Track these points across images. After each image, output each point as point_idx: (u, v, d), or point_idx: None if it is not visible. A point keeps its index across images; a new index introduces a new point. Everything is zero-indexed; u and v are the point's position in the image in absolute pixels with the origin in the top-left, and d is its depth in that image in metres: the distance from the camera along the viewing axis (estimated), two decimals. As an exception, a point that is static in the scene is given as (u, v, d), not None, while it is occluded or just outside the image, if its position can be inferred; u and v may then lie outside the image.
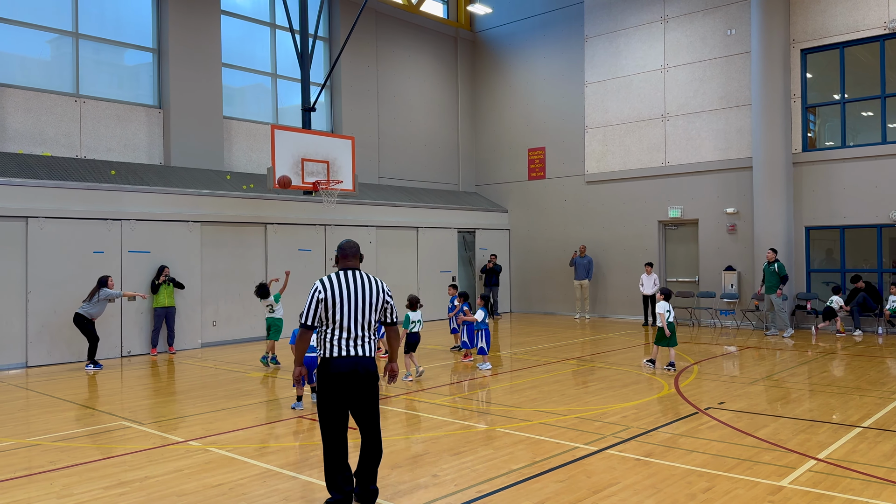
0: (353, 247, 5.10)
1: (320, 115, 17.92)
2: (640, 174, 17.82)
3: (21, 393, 9.56)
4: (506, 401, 8.51)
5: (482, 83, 21.46)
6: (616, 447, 6.32)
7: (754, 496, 5.04)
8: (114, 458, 6.27)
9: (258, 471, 5.82)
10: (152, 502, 5.10)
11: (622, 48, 18.22)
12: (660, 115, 17.51)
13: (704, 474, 5.54)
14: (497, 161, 21.08)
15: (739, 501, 4.95)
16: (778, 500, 4.96)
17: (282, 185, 10.77)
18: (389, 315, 5.06)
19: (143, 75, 15.05)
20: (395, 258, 17.56)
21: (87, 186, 12.42)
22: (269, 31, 17.23)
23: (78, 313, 11.37)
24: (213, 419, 7.76)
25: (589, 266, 18.29)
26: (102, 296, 11.38)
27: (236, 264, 14.47)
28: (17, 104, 12.94)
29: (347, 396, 4.82)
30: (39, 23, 13.44)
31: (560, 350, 12.80)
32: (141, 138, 14.56)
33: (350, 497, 4.84)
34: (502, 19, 20.87)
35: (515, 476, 5.55)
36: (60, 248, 12.02)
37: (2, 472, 5.88)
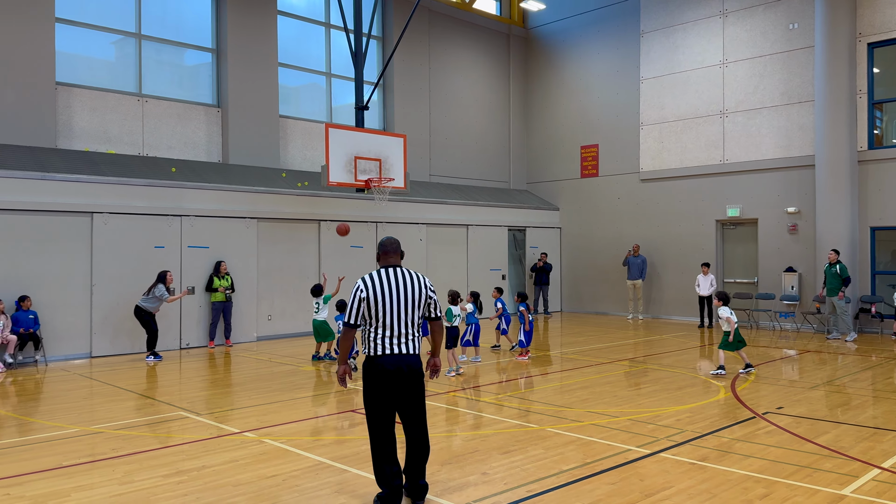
0: (394, 243, 5.12)
1: (373, 114, 18.08)
2: (698, 172, 17.43)
3: (85, 382, 9.93)
4: (556, 401, 8.44)
5: (534, 80, 21.32)
6: (670, 450, 6.20)
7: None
8: (172, 447, 6.46)
9: (310, 463, 5.91)
10: (208, 491, 5.23)
11: (679, 43, 17.84)
12: (718, 112, 17.09)
13: (762, 480, 5.39)
14: (549, 158, 20.91)
15: (799, 510, 4.80)
16: (840, 509, 4.80)
17: (341, 233, 11.09)
18: (433, 310, 5.07)
19: (203, 75, 15.44)
20: (445, 256, 17.60)
21: (148, 183, 12.81)
22: (324, 30, 17.46)
23: (137, 306, 11.79)
24: (268, 411, 7.92)
25: (643, 266, 17.98)
26: (157, 293, 11.77)
27: (291, 260, 14.73)
28: (83, 103, 13.43)
29: (393, 394, 4.84)
30: (104, 24, 13.92)
31: (612, 351, 12.63)
32: (200, 136, 14.95)
33: (400, 492, 4.87)
34: (556, 15, 20.68)
35: (566, 477, 5.50)
36: (123, 242, 12.43)
37: (67, 457, 6.12)
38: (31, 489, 5.28)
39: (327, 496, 5.13)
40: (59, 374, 10.51)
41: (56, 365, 11.35)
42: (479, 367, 10.85)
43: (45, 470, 5.75)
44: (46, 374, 10.61)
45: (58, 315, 11.76)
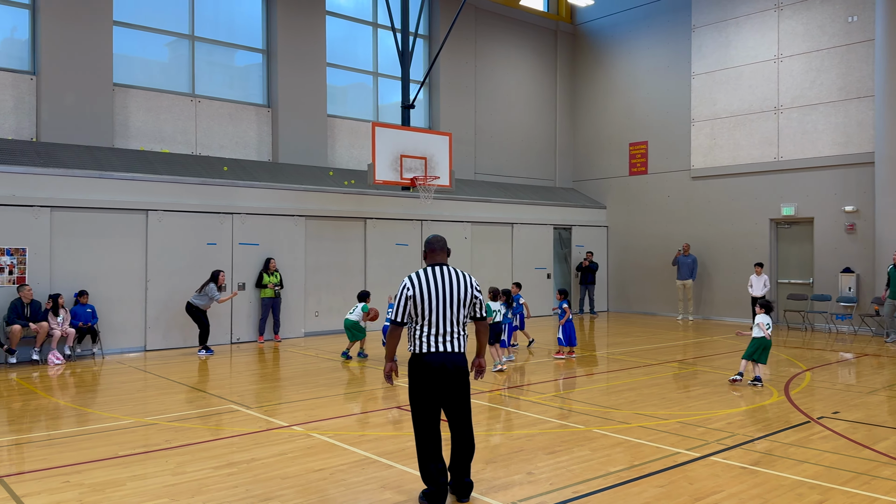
0: (441, 242, 5.13)
1: (419, 112, 18.15)
2: (751, 169, 17.01)
3: (140, 375, 10.22)
4: (602, 402, 8.35)
5: (582, 76, 21.10)
6: (720, 454, 6.07)
7: (873, 513, 4.72)
8: (223, 439, 6.60)
9: (357, 458, 5.97)
10: (258, 483, 5.33)
11: (732, 38, 17.43)
12: (772, 108, 16.65)
13: (816, 487, 5.23)
14: (596, 156, 20.67)
15: (856, 518, 4.64)
16: (900, 519, 4.63)
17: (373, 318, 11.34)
18: (478, 310, 5.06)
19: (253, 75, 15.72)
20: (490, 254, 17.56)
21: (201, 181, 13.11)
22: (372, 30, 17.59)
23: (189, 302, 12.08)
24: (315, 406, 8.03)
25: (693, 265, 17.63)
26: (209, 292, 12.06)
27: (337, 258, 14.90)
28: (138, 104, 13.82)
29: (438, 392, 4.86)
30: (159, 27, 14.29)
31: (660, 352, 12.42)
32: (251, 136, 15.24)
33: (445, 489, 4.87)
34: (604, 11, 20.42)
35: (613, 479, 5.43)
36: (177, 239, 12.75)
37: (123, 447, 6.31)
38: (89, 477, 5.46)
39: (373, 491, 5.18)
40: (115, 367, 10.85)
41: (112, 358, 11.72)
42: (524, 366, 10.80)
43: (102, 459, 5.94)
44: (103, 366, 10.96)
45: (114, 309, 12.13)
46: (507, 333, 11.20)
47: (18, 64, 12.73)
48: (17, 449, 6.35)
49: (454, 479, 4.98)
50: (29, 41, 12.83)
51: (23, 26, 12.83)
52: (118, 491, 5.16)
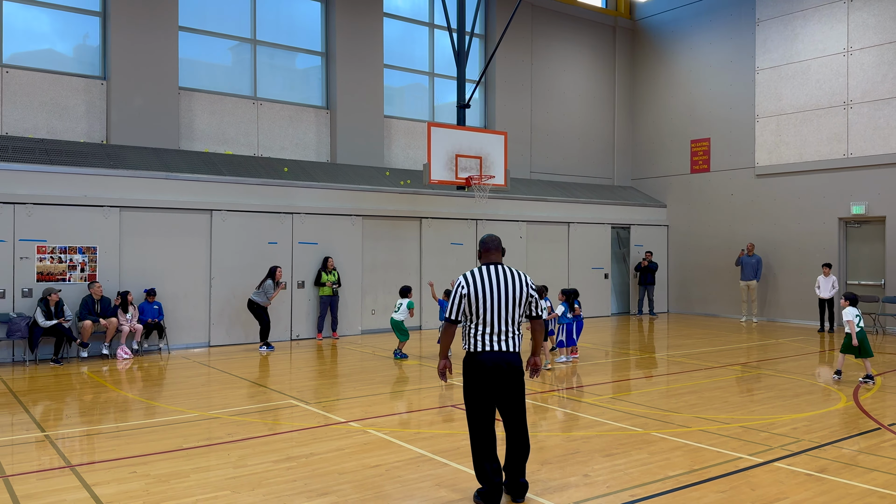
0: (496, 241, 5.11)
1: (474, 111, 18.16)
2: (819, 167, 16.41)
3: (204, 370, 10.53)
4: (662, 405, 8.19)
5: (641, 73, 20.73)
6: (784, 460, 5.88)
7: (950, 526, 4.50)
8: (282, 434, 6.74)
9: (412, 455, 6.01)
10: (316, 478, 5.43)
11: (799, 31, 16.85)
12: (841, 103, 16.02)
13: (887, 496, 5.01)
14: (656, 154, 20.28)
15: (931, 531, 4.43)
16: (980, 533, 4.39)
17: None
18: (534, 308, 5.03)
19: (313, 78, 16.00)
20: (546, 254, 17.43)
21: (263, 182, 13.43)
22: (428, 30, 17.68)
23: (250, 299, 12.41)
24: (372, 402, 8.12)
25: (757, 266, 17.11)
26: (265, 288, 12.35)
27: (393, 256, 15.03)
28: (203, 107, 14.24)
29: (492, 391, 4.85)
30: (222, 31, 14.69)
31: (723, 354, 12.11)
32: (310, 137, 15.52)
33: (499, 488, 4.86)
34: (665, 5, 20.02)
35: (672, 483, 5.32)
36: (239, 238, 13.09)
37: (187, 440, 6.51)
38: (154, 468, 5.66)
39: (428, 489, 5.21)
40: (180, 362, 11.21)
41: (177, 353, 12.10)
42: (579, 367, 10.68)
43: (167, 451, 6.14)
44: (169, 361, 11.34)
45: (179, 306, 12.53)
46: (566, 334, 11.11)
47: (90, 70, 13.28)
48: (87, 440, 6.63)
49: (509, 479, 4.97)
50: (100, 47, 13.37)
51: (94, 33, 13.37)
52: (182, 482, 5.33)
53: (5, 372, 10.23)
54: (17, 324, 10.84)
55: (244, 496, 5.03)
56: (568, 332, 11.14)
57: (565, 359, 11.07)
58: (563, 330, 11.09)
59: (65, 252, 11.49)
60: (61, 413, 7.72)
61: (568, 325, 11.13)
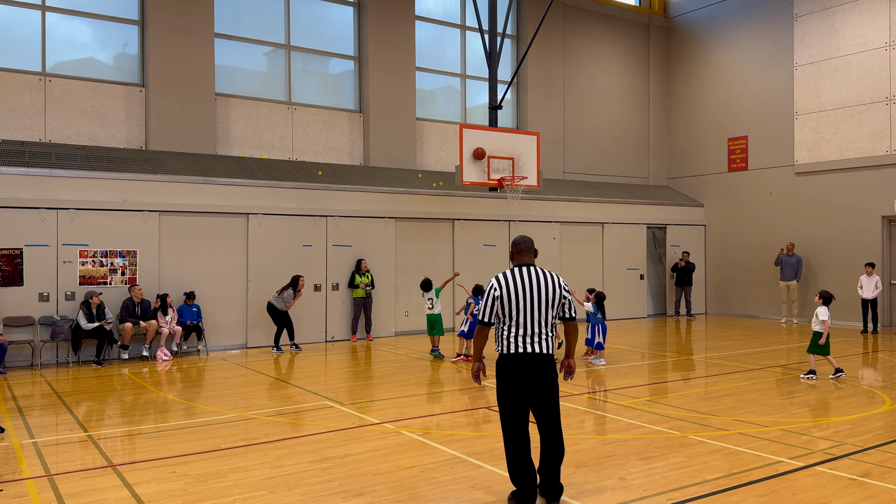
0: (528, 242, 5.09)
1: (506, 112, 18.11)
2: (860, 164, 16.00)
3: (241, 371, 10.68)
4: (700, 407, 8.06)
5: (676, 71, 20.46)
6: (826, 464, 5.75)
7: None
8: (318, 434, 6.80)
9: (446, 457, 6.01)
10: (351, 479, 5.46)
11: (838, 26, 16.47)
12: (884, 98, 15.61)
13: (937, 503, 4.87)
14: (692, 152, 19.99)
15: (983, 538, 4.29)
16: None
17: (477, 157, 11.42)
18: (568, 310, 5.00)
19: (346, 82, 16.14)
20: (580, 254, 17.29)
21: (297, 186, 13.58)
22: (459, 32, 17.69)
23: (269, 302, 12.58)
24: (406, 404, 8.15)
25: (797, 265, 16.74)
26: (286, 297, 12.52)
27: (426, 258, 15.07)
28: (239, 112, 14.45)
29: (526, 392, 4.83)
30: (257, 37, 14.90)
31: (762, 356, 11.87)
32: (344, 141, 15.64)
33: (534, 491, 4.84)
34: (700, 2, 19.73)
35: (710, 487, 5.24)
36: (275, 241, 13.26)
37: (224, 441, 6.61)
38: (193, 468, 5.75)
39: (462, 490, 5.20)
40: (218, 363, 11.38)
41: (215, 354, 12.30)
42: (615, 369, 10.57)
43: (206, 451, 6.24)
44: (207, 362, 11.52)
45: (217, 308, 12.73)
46: (602, 335, 11.00)
47: (129, 77, 13.58)
48: (129, 440, 6.77)
49: (544, 482, 4.94)
50: (138, 55, 13.66)
51: (133, 42, 13.67)
52: (220, 482, 5.41)
53: (49, 373, 10.50)
54: (61, 326, 11.13)
55: (281, 496, 5.08)
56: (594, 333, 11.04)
57: (600, 361, 10.96)
58: (599, 331, 10.99)
59: (106, 256, 11.76)
60: (103, 413, 7.90)
61: (595, 327, 11.03)
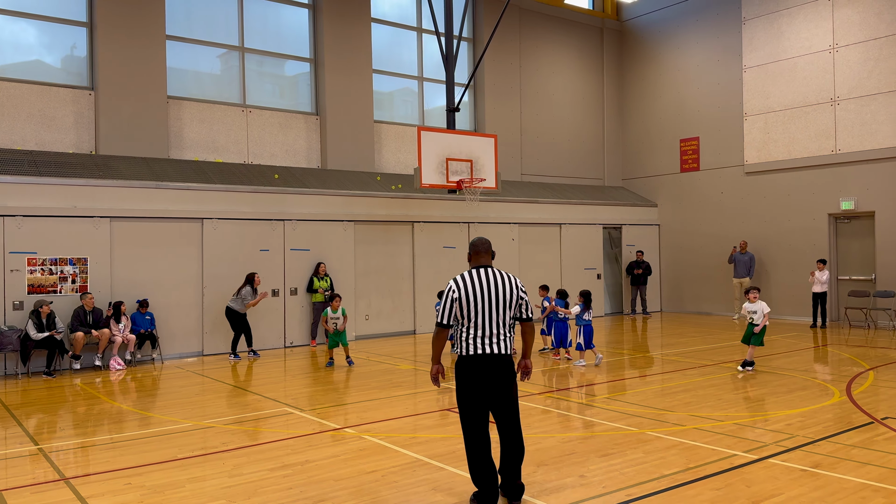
0: (485, 244, 5.13)
1: (464, 115, 18.19)
2: (807, 163, 16.51)
3: (198, 379, 10.49)
4: (657, 404, 8.21)
5: (629, 73, 20.81)
6: (779, 456, 5.91)
7: (944, 518, 4.53)
8: (278, 441, 6.72)
9: (408, 460, 6.01)
10: (312, 485, 5.42)
11: (784, 29, 16.96)
12: (829, 100, 16.13)
13: (881, 490, 5.04)
14: (646, 154, 20.35)
15: (925, 523, 4.46)
16: (973, 524, 4.42)
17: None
18: (524, 311, 5.04)
19: (302, 84, 16.00)
20: (538, 255, 17.45)
21: (253, 189, 13.41)
22: (416, 35, 17.70)
23: (227, 306, 12.38)
24: (367, 408, 8.11)
25: (750, 263, 17.18)
26: (244, 294, 12.31)
27: (386, 261, 15.03)
28: (192, 115, 14.21)
29: (484, 394, 4.86)
30: (210, 39, 14.67)
31: (716, 352, 12.15)
32: (300, 144, 15.50)
33: (495, 491, 4.87)
34: (651, 6, 20.11)
35: (667, 482, 5.34)
36: (231, 246, 13.06)
37: (181, 450, 6.49)
38: (149, 479, 5.63)
39: (424, 493, 5.20)
40: (174, 372, 11.16)
41: (171, 363, 12.06)
42: (574, 367, 10.69)
43: (162, 462, 6.12)
44: (162, 371, 11.29)
45: (172, 315, 12.49)
46: (584, 337, 10.75)
47: (78, 80, 13.24)
48: (82, 452, 6.59)
49: (505, 482, 4.97)
50: (87, 58, 13.33)
51: (81, 44, 13.33)
52: (177, 493, 5.30)
53: (-3, 385, 10.16)
54: (9, 337, 10.77)
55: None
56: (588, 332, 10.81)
57: (581, 362, 10.83)
58: (580, 332, 10.76)
59: (55, 264, 11.44)
60: (55, 426, 7.68)
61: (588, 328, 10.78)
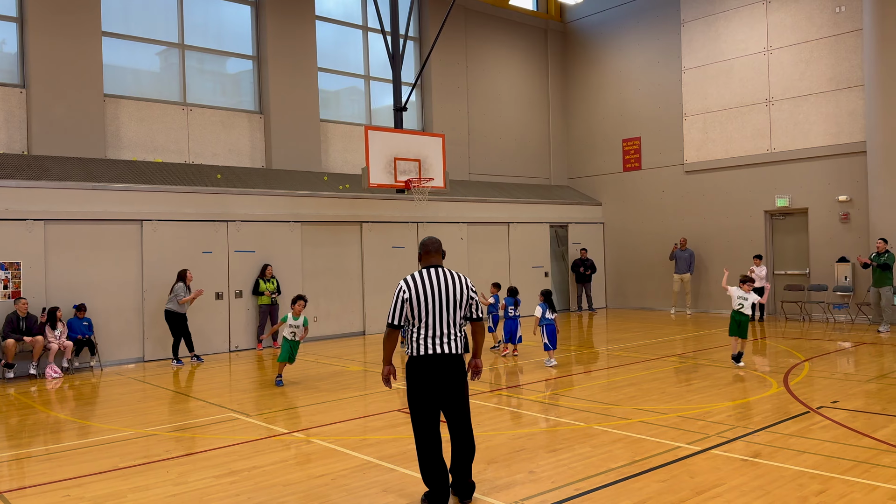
0: (435, 243, 5.13)
1: (412, 114, 18.15)
2: (744, 162, 17.05)
3: (139, 386, 10.20)
4: (603, 398, 8.35)
5: (573, 74, 21.12)
6: (721, 447, 6.08)
7: (872, 501, 4.73)
8: (224, 448, 6.58)
9: (358, 462, 5.96)
10: (260, 491, 5.32)
11: (721, 31, 17.47)
12: (764, 100, 16.69)
13: (817, 476, 5.24)
14: (590, 153, 20.69)
15: (858, 507, 4.65)
16: (902, 506, 4.64)
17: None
18: (474, 310, 5.06)
19: (245, 82, 15.71)
20: (487, 254, 17.56)
21: (195, 190, 13.10)
22: (362, 33, 17.59)
23: (166, 308, 12.05)
24: (316, 411, 8.02)
25: (690, 259, 17.66)
26: (176, 291, 11.98)
27: (334, 262, 14.89)
28: (130, 114, 13.80)
29: (435, 393, 4.86)
30: (149, 36, 14.28)
31: (660, 347, 12.43)
32: (244, 143, 15.22)
33: (446, 490, 4.87)
34: (593, 8, 20.45)
35: (614, 475, 5.43)
36: (172, 249, 12.73)
37: (123, 459, 6.29)
38: (89, 490, 5.45)
39: (375, 495, 5.17)
40: (114, 378, 10.82)
41: (111, 369, 11.69)
42: (523, 364, 10.80)
43: (103, 472, 5.92)
44: (101, 378, 10.93)
45: (111, 321, 12.10)
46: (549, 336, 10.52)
47: (8, 77, 12.71)
48: (16, 464, 6.33)
49: (456, 481, 4.98)
50: (18, 54, 12.80)
51: (11, 40, 12.80)
52: (119, 503, 5.14)
53: (-77, 397, 9.67)
54: (-65, 346, 10.28)
55: (185, 514, 4.89)
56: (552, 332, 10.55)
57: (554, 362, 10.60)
58: (544, 332, 10.55)
59: (-15, 269, 10.96)
60: (-14, 438, 7.35)
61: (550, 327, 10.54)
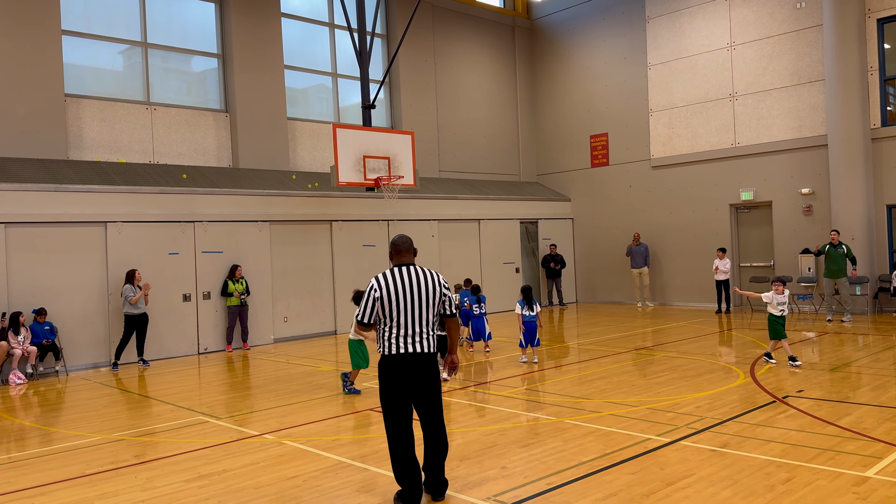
0: (407, 241, 5.11)
1: (380, 112, 18.09)
2: (709, 156, 17.30)
3: (106, 390, 10.02)
4: (574, 392, 8.42)
5: (541, 71, 21.22)
6: (690, 438, 6.17)
7: (837, 487, 4.84)
8: (193, 451, 6.50)
9: (331, 463, 5.93)
10: (230, 494, 5.26)
11: (686, 28, 17.70)
12: (728, 95, 16.94)
13: (784, 465, 5.34)
14: (558, 149, 20.82)
15: (821, 493, 4.75)
16: (863, 491, 4.75)
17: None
18: (448, 307, 5.06)
19: (210, 81, 15.50)
20: (458, 251, 17.58)
21: (160, 191, 12.89)
22: (328, 31, 17.46)
23: (124, 313, 11.84)
24: (287, 413, 7.96)
25: (645, 253, 17.99)
26: (124, 292, 11.80)
27: (304, 261, 14.78)
28: (92, 114, 13.53)
29: (408, 392, 4.86)
30: (111, 35, 14.01)
31: (629, 340, 12.57)
32: (210, 142, 15.02)
33: (419, 488, 4.87)
34: (560, 5, 20.56)
35: (586, 468, 5.48)
36: (137, 250, 12.51)
37: (90, 465, 6.18)
38: (55, 498, 5.34)
39: (348, 495, 5.15)
40: (80, 384, 10.62)
41: (76, 374, 11.46)
42: (494, 360, 10.84)
43: (69, 479, 5.81)
44: (67, 383, 10.72)
45: (77, 325, 11.87)
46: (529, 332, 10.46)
47: (-36, 77, 12.38)
48: (-21, 473, 6.18)
49: (429, 479, 4.98)
50: (-26, 54, 12.47)
51: (-33, 39, 12.47)
52: (86, 510, 5.05)
53: None
54: None
55: (154, 520, 4.82)
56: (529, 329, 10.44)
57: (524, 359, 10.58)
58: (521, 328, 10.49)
59: (-57, 274, 10.65)
60: (-53, 448, 7.17)
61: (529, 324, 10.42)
